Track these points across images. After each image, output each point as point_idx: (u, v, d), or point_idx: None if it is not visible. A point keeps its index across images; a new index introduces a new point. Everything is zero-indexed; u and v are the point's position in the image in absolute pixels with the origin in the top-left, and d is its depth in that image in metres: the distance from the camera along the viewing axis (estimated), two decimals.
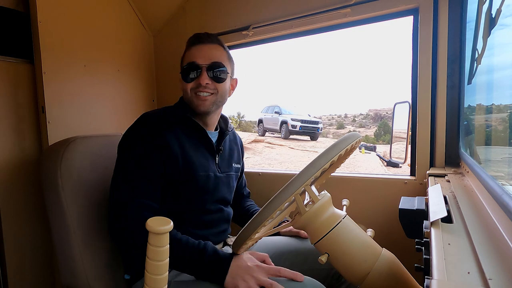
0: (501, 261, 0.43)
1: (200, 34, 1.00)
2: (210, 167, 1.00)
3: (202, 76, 0.95)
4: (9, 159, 1.20)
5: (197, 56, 0.96)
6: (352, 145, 0.69)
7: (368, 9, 1.23)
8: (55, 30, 1.27)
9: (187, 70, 0.97)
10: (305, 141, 13.54)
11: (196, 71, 0.96)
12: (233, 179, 1.10)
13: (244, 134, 13.27)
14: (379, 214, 1.27)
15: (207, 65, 0.96)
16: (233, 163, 1.11)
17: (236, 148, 1.16)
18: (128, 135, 0.92)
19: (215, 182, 1.00)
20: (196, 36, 1.00)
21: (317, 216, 0.71)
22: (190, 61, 0.96)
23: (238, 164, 1.15)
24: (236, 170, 1.12)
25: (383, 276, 0.67)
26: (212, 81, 0.96)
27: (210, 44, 0.99)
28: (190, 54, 0.98)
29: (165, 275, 0.48)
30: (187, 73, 0.97)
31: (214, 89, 0.97)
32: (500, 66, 0.92)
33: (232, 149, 1.14)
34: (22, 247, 1.25)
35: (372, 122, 50.73)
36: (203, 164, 0.98)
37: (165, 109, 1.02)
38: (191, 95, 0.97)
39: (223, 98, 1.01)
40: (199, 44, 0.98)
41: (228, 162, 1.09)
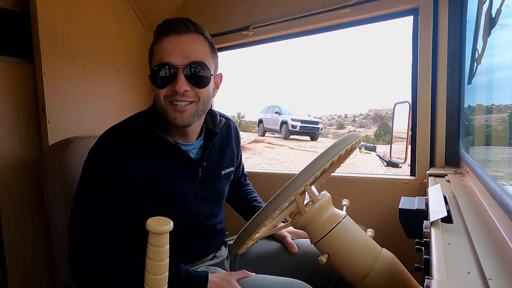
0: (501, 261, 0.43)
1: (173, 21, 0.75)
2: (189, 188, 0.84)
3: (178, 81, 0.73)
4: (9, 159, 1.20)
5: (171, 52, 0.73)
6: (352, 145, 0.69)
7: (368, 9, 1.23)
8: (55, 30, 1.27)
9: (157, 73, 0.74)
10: (305, 141, 13.54)
11: (169, 74, 0.73)
12: (221, 190, 0.97)
13: (244, 134, 13.28)
14: (379, 214, 1.27)
15: (184, 66, 0.73)
16: (223, 170, 0.95)
17: (229, 148, 0.99)
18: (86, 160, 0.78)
19: (196, 204, 0.86)
20: (168, 24, 0.74)
21: (317, 216, 0.71)
22: (162, 61, 0.73)
23: (231, 168, 0.99)
24: (226, 177, 0.97)
25: (383, 276, 0.67)
26: (192, 86, 0.75)
27: (187, 35, 0.75)
28: (160, 50, 0.74)
29: (165, 275, 0.48)
30: (157, 77, 0.74)
31: (195, 96, 0.76)
32: (500, 66, 0.92)
33: (223, 152, 0.97)
34: (22, 247, 1.25)
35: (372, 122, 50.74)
36: (180, 190, 0.82)
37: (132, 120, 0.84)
38: (165, 105, 0.76)
39: (206, 106, 0.81)
40: (172, 35, 0.74)
41: (215, 172, 0.92)
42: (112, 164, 0.74)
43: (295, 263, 0.98)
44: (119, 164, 0.74)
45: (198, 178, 0.87)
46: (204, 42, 0.79)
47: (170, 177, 0.81)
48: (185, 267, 0.75)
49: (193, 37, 0.76)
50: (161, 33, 0.76)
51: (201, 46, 0.77)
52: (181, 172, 0.83)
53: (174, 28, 0.74)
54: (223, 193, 0.99)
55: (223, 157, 0.96)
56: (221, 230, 1.01)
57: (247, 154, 10.09)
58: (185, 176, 0.84)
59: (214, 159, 0.92)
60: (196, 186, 0.87)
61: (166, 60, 0.73)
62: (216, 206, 0.96)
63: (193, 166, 0.85)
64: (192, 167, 0.85)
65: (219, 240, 1.01)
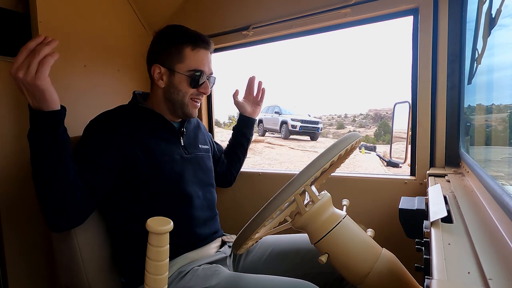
0: (501, 261, 0.43)
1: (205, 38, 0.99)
2: (175, 150, 1.01)
3: (208, 87, 1.01)
4: (9, 159, 1.20)
5: (205, 64, 0.99)
6: (352, 145, 0.69)
7: (368, 9, 1.23)
8: (55, 30, 1.27)
9: (194, 77, 0.98)
10: (305, 141, 13.53)
11: (202, 79, 0.99)
12: (204, 160, 1.12)
13: None
14: (379, 214, 1.27)
15: (209, 76, 1.01)
16: (199, 144, 1.13)
17: (200, 132, 1.18)
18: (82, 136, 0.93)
19: (182, 164, 1.01)
20: (204, 40, 0.99)
21: (317, 216, 0.71)
22: (200, 69, 0.98)
23: (206, 145, 1.17)
24: (205, 151, 1.15)
25: (383, 276, 0.67)
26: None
27: (211, 51, 1.02)
28: (199, 59, 0.98)
29: (165, 275, 0.48)
30: (194, 80, 0.98)
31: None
32: (500, 66, 0.92)
33: (196, 133, 1.15)
34: (22, 247, 1.25)
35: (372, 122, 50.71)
36: (166, 148, 0.98)
37: (119, 106, 1.02)
38: (187, 100, 1.00)
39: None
40: (206, 50, 1.00)
41: (194, 143, 1.11)
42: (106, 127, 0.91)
43: (295, 263, 0.98)
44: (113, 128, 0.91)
45: (181, 144, 1.04)
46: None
47: (156, 141, 0.97)
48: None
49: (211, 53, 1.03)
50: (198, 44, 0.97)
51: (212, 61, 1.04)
52: (165, 137, 1.00)
53: (207, 45, 0.99)
54: (207, 164, 1.13)
55: (197, 135, 1.15)
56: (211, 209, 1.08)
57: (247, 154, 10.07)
58: (169, 140, 1.01)
59: (190, 133, 1.11)
60: (180, 150, 1.03)
61: (202, 68, 0.98)
62: (203, 174, 1.09)
63: (174, 132, 1.03)
64: (174, 133, 1.03)
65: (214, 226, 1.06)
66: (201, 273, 0.88)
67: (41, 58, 0.69)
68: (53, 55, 0.70)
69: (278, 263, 0.99)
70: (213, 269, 0.88)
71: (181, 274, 0.89)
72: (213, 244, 1.03)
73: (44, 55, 0.69)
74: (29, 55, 0.69)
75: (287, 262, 0.99)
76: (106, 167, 0.88)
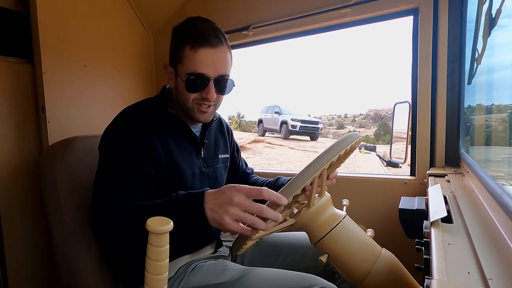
0: (501, 261, 0.43)
1: (209, 33, 0.82)
2: (195, 163, 0.94)
3: (210, 91, 0.84)
4: (9, 159, 1.20)
5: (206, 65, 0.82)
6: (352, 145, 0.69)
7: (368, 9, 1.23)
8: (55, 30, 1.27)
9: (193, 82, 0.84)
10: (305, 141, 13.54)
11: (203, 83, 0.84)
12: (221, 172, 1.05)
13: (244, 134, 13.28)
14: (379, 214, 1.27)
15: (214, 78, 0.84)
16: (220, 154, 1.06)
17: (222, 137, 1.10)
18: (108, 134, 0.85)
19: (201, 179, 0.95)
20: (204, 35, 0.82)
21: (317, 216, 0.71)
22: (198, 72, 0.82)
23: (226, 154, 1.09)
24: (223, 161, 1.07)
25: (383, 276, 0.67)
26: (217, 94, 0.86)
27: (219, 48, 0.83)
28: (196, 60, 0.82)
29: (165, 275, 0.48)
30: (193, 84, 0.84)
31: (215, 100, 0.88)
32: (500, 66, 0.92)
33: (218, 140, 1.07)
34: (22, 247, 1.25)
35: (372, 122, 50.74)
36: (188, 161, 0.91)
37: (146, 102, 0.93)
38: (192, 105, 0.88)
39: (220, 104, 0.94)
40: (208, 48, 0.82)
41: (214, 155, 1.03)
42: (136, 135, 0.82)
43: (295, 263, 0.98)
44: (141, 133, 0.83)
45: (201, 157, 0.97)
46: (228, 53, 0.88)
47: (181, 149, 0.91)
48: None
49: (222, 50, 0.85)
50: (196, 41, 0.82)
51: (227, 59, 0.87)
52: (187, 148, 0.93)
53: (209, 40, 0.82)
54: (223, 177, 1.07)
55: (218, 143, 1.07)
56: None
57: (247, 154, 10.08)
58: (190, 151, 0.94)
59: (211, 142, 1.04)
60: (200, 162, 0.96)
61: (201, 71, 0.83)
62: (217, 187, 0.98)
63: (197, 144, 0.96)
64: (196, 145, 0.96)
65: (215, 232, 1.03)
66: (210, 268, 0.87)
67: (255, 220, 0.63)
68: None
69: (277, 261, 0.99)
70: (222, 264, 0.88)
71: (186, 271, 0.89)
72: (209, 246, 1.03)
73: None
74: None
75: (286, 262, 0.99)
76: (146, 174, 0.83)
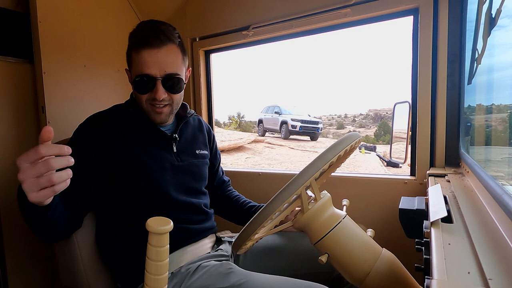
0: (501, 261, 0.43)
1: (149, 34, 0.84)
2: (165, 158, 0.95)
3: (158, 91, 0.86)
4: (9, 159, 1.20)
5: (150, 65, 0.84)
6: (351, 145, 0.69)
7: (368, 9, 1.23)
8: (55, 30, 1.27)
9: (139, 83, 0.87)
10: (305, 141, 13.53)
11: (150, 84, 0.86)
12: (199, 167, 1.04)
13: (244, 134, 13.26)
14: (379, 214, 1.27)
15: (161, 77, 0.86)
16: (197, 150, 1.05)
17: (201, 134, 1.11)
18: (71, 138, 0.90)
19: (173, 173, 0.95)
20: (145, 37, 0.84)
21: (317, 216, 0.71)
22: (142, 73, 0.85)
23: (205, 151, 1.09)
24: (202, 157, 1.06)
25: (383, 276, 0.67)
26: (168, 93, 0.89)
27: (162, 48, 0.85)
28: (140, 62, 0.85)
29: (165, 275, 0.48)
30: (141, 85, 0.87)
31: (170, 99, 0.90)
32: (500, 66, 0.92)
33: (196, 136, 1.08)
34: (22, 247, 1.25)
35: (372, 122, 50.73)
36: (156, 156, 0.93)
37: (113, 107, 0.98)
38: (146, 106, 0.91)
39: (178, 104, 0.96)
40: (150, 49, 0.84)
41: (190, 149, 1.03)
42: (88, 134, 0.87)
43: (295, 263, 0.98)
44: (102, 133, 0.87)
45: (173, 151, 0.98)
46: (177, 51, 0.89)
47: (146, 148, 0.93)
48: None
49: (167, 49, 0.86)
50: (138, 44, 0.85)
51: (175, 57, 0.88)
52: (156, 144, 0.95)
53: (149, 42, 0.84)
54: (201, 171, 1.06)
55: (196, 139, 1.08)
56: (207, 213, 1.04)
57: (247, 154, 10.08)
58: (160, 146, 0.96)
59: (187, 138, 1.04)
60: (172, 157, 0.97)
61: (146, 72, 0.85)
62: (196, 182, 1.03)
63: (166, 139, 0.97)
64: (166, 140, 0.97)
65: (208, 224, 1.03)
66: (215, 271, 0.87)
67: (52, 177, 0.58)
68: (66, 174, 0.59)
69: (277, 261, 0.99)
70: (226, 267, 0.88)
71: (189, 271, 0.88)
72: (207, 239, 1.02)
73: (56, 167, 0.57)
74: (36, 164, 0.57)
75: (287, 262, 0.99)
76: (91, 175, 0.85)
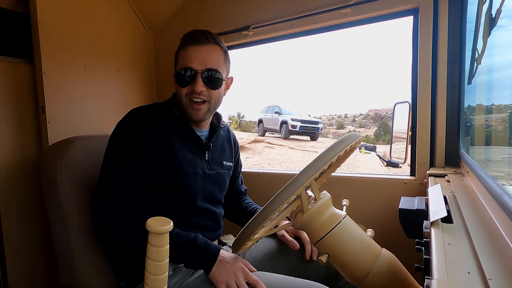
0: (501, 261, 0.43)
1: (197, 33, 0.93)
2: (198, 164, 0.98)
3: (197, 83, 0.91)
4: (9, 159, 1.20)
5: (193, 59, 0.92)
6: (351, 145, 0.69)
7: (368, 9, 1.23)
8: (55, 30, 1.27)
9: (182, 75, 0.93)
10: (305, 141, 13.53)
11: (191, 76, 0.92)
12: (224, 177, 1.08)
13: (244, 134, 13.27)
14: (379, 214, 1.27)
15: (202, 71, 0.92)
16: (224, 161, 1.09)
17: (229, 146, 1.14)
18: (115, 130, 0.93)
19: (203, 179, 0.98)
20: (192, 36, 0.93)
21: (317, 216, 0.71)
22: (186, 66, 0.92)
23: (230, 163, 1.12)
24: (228, 168, 1.10)
25: (383, 276, 0.67)
26: (207, 87, 0.93)
27: (207, 46, 0.93)
28: (185, 56, 0.93)
29: (165, 275, 0.48)
30: (182, 78, 0.93)
31: (208, 96, 0.94)
32: (499, 66, 0.92)
33: (224, 147, 1.11)
34: (22, 247, 1.25)
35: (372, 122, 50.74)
36: (191, 161, 0.96)
37: (154, 104, 1.01)
38: (185, 102, 0.95)
39: (216, 104, 0.99)
40: (195, 45, 0.92)
41: (219, 160, 1.06)
42: (138, 133, 0.90)
43: (295, 263, 0.98)
44: (144, 133, 0.90)
45: (205, 159, 1.01)
46: (220, 52, 0.96)
47: (184, 150, 0.95)
48: (201, 236, 0.88)
49: (211, 47, 0.94)
50: (186, 42, 0.93)
51: (217, 55, 0.95)
52: (192, 149, 0.98)
53: (197, 39, 0.92)
54: (225, 182, 1.09)
55: (224, 150, 1.11)
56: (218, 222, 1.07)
57: (247, 154, 10.08)
58: (195, 152, 0.99)
59: (217, 148, 1.08)
60: (204, 164, 1.00)
61: (188, 65, 0.92)
62: (219, 191, 1.06)
63: (201, 146, 1.00)
64: (201, 147, 1.00)
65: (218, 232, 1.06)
66: None
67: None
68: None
69: (277, 262, 0.99)
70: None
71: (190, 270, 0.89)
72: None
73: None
74: None
75: (287, 262, 0.99)
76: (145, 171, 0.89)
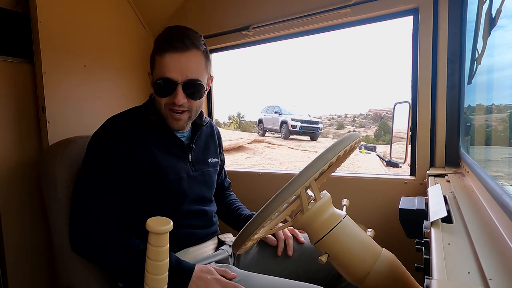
0: (501, 261, 0.43)
1: (174, 38, 0.84)
2: (182, 167, 0.95)
3: (177, 95, 0.85)
4: (9, 159, 1.20)
5: (172, 69, 0.84)
6: (351, 145, 0.69)
7: (368, 9, 1.23)
8: (55, 30, 1.27)
9: (160, 86, 0.86)
10: (305, 141, 13.53)
11: (170, 87, 0.86)
12: (211, 176, 1.06)
13: (244, 134, 13.26)
14: (379, 214, 1.27)
15: (182, 82, 0.85)
16: (209, 158, 1.06)
17: (212, 141, 1.11)
18: (91, 142, 0.90)
19: (189, 182, 0.96)
20: (170, 41, 0.84)
21: (317, 216, 0.71)
22: (164, 76, 0.85)
23: (216, 159, 1.10)
24: (213, 165, 1.08)
25: (383, 276, 0.67)
26: (188, 98, 0.88)
27: (186, 53, 0.84)
28: (163, 65, 0.85)
29: (165, 275, 0.48)
30: (161, 89, 0.87)
31: (189, 106, 0.89)
32: (499, 66, 0.92)
33: (208, 143, 1.08)
34: (22, 247, 1.25)
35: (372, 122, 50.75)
36: (174, 166, 0.93)
37: (132, 110, 0.96)
38: (165, 111, 0.90)
39: (197, 112, 0.95)
40: (174, 53, 0.84)
41: (204, 158, 1.04)
42: (116, 144, 0.86)
43: (295, 262, 0.98)
44: (122, 144, 0.86)
45: (189, 161, 0.99)
46: (200, 57, 0.88)
47: (165, 156, 0.92)
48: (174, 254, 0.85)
49: (190, 54, 0.85)
50: (163, 48, 0.85)
51: (197, 63, 0.87)
52: (174, 153, 0.95)
53: (174, 46, 0.83)
54: (213, 180, 1.08)
55: (208, 147, 1.08)
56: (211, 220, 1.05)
57: (247, 154, 10.07)
58: (177, 156, 0.96)
59: (201, 146, 1.05)
60: (188, 166, 0.98)
61: (167, 75, 0.85)
62: (207, 190, 1.05)
63: (184, 148, 0.98)
64: (183, 149, 0.98)
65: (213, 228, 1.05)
66: None
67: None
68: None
69: (277, 262, 0.99)
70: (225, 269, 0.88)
71: None
72: (210, 242, 1.03)
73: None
74: None
75: (287, 262, 0.99)
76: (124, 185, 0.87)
